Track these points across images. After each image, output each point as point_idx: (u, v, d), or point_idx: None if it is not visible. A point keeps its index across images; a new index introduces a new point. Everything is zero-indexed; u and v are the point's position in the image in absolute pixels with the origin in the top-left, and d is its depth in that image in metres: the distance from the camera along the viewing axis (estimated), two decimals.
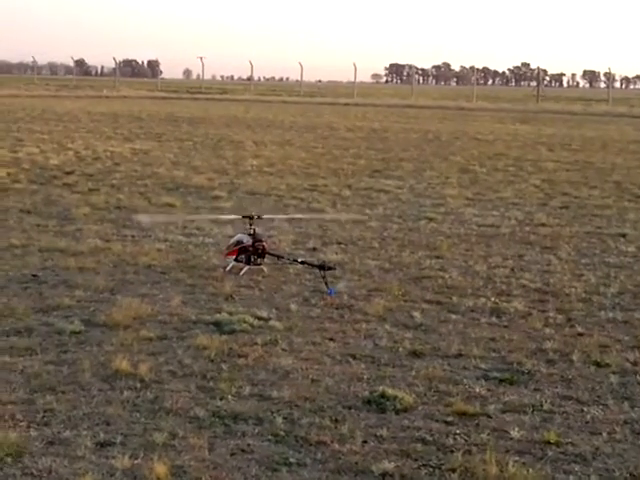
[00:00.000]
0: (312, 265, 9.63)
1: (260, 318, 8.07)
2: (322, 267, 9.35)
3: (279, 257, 10.04)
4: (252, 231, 9.94)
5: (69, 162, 20.27)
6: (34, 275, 9.55)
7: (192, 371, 6.71)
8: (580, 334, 7.96)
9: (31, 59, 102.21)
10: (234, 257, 9.92)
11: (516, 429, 5.80)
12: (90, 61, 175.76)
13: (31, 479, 5.04)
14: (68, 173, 18.26)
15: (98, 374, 6.57)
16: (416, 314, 8.46)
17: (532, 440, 5.68)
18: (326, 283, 9.10)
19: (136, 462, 5.17)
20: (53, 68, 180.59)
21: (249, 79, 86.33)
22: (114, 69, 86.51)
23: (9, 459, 5.19)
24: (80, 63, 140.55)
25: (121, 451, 5.30)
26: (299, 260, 9.90)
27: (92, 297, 8.74)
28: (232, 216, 11.77)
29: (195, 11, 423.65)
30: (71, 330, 7.56)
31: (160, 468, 5.04)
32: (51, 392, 6.21)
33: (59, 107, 43.92)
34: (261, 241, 9.88)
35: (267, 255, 9.90)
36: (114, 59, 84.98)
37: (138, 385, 6.37)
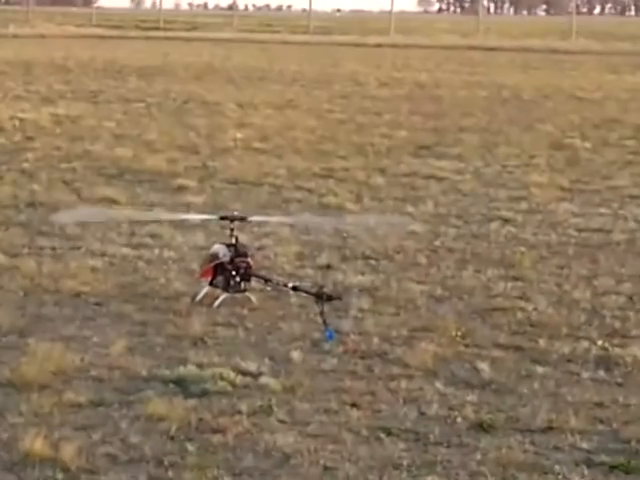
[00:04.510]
0: (307, 292, 9.64)
1: (245, 373, 8.08)
2: (320, 296, 9.33)
3: (266, 280, 10.07)
4: (233, 240, 9.94)
5: None
6: None
7: (142, 455, 6.72)
8: None
9: None
10: (209, 279, 9.89)
11: None
12: None
13: None
14: None
15: None
16: (483, 366, 8.45)
17: None
18: (324, 321, 9.11)
19: None
20: None
21: (231, 8, 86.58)
22: None
23: None
24: None
25: None
26: (289, 285, 9.91)
27: None
28: (205, 216, 11.79)
29: None
30: None
31: None
32: None
33: None
34: (245, 255, 9.87)
35: (253, 277, 9.90)
36: None
37: (60, 476, 6.38)
